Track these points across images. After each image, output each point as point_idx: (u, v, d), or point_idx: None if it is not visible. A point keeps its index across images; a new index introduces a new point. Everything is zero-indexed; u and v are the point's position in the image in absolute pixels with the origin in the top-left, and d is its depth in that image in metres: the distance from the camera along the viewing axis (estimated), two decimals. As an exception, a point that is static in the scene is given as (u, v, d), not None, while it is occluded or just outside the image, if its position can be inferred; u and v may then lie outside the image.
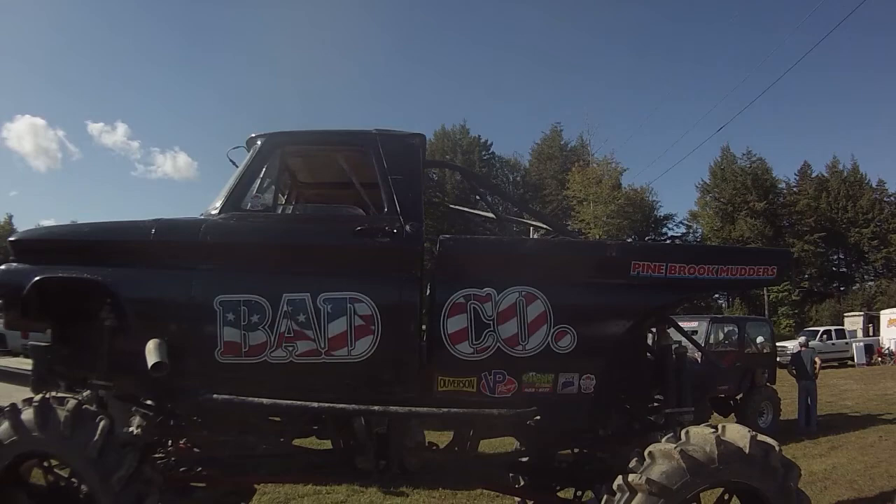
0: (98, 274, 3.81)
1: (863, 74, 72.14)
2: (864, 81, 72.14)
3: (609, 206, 45.67)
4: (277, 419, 4.30)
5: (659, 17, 78.20)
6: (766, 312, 39.92)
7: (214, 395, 3.66)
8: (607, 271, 3.82)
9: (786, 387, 13.04)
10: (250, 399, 3.66)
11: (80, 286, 3.84)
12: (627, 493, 3.30)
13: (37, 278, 3.79)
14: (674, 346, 4.17)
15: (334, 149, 4.36)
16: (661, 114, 77.94)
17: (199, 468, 4.64)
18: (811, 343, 15.95)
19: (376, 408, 3.63)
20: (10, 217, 63.45)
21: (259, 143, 4.07)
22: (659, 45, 79.20)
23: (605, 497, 3.44)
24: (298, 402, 3.66)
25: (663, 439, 3.48)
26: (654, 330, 4.27)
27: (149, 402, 4.35)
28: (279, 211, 4.43)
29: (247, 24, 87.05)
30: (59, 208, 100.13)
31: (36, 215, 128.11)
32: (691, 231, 57.33)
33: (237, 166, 4.18)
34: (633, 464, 3.41)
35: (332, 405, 3.64)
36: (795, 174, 56.17)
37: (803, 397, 12.00)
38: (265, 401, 3.65)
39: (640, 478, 3.26)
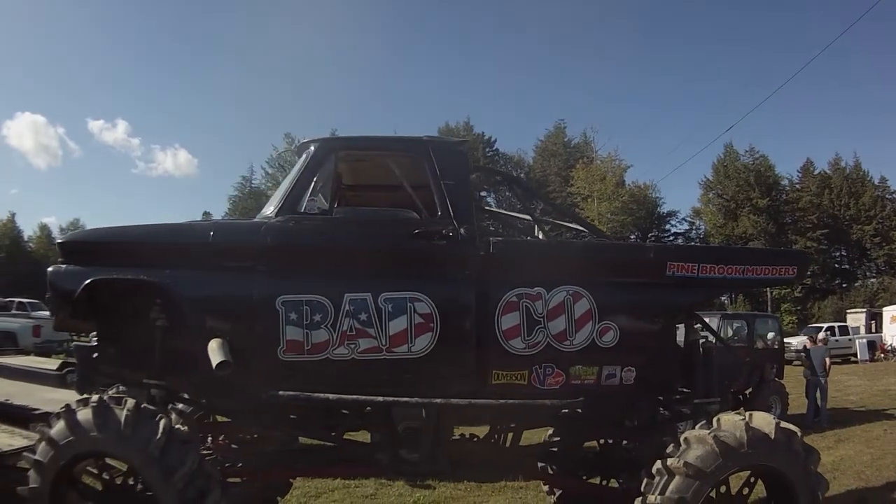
0: (155, 276, 3.85)
1: (865, 72, 72.19)
2: (866, 78, 72.29)
3: (613, 202, 45.95)
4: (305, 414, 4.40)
5: (663, 14, 78.23)
6: (769, 309, 40.13)
7: (280, 392, 3.75)
8: (646, 271, 4.09)
9: (791, 382, 13.32)
10: (316, 395, 3.77)
11: (134, 288, 3.88)
12: (666, 476, 3.56)
13: (89, 280, 3.82)
14: (701, 341, 4.43)
15: (386, 154, 4.46)
16: (665, 111, 78.17)
17: (239, 463, 4.76)
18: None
19: (438, 400, 3.80)
20: (13, 215, 63.99)
21: (313, 147, 4.19)
22: (663, 41, 79.30)
23: (644, 481, 3.68)
24: (364, 397, 3.83)
25: (697, 426, 3.76)
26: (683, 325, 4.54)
27: (197, 399, 4.47)
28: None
29: (247, 21, 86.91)
30: (60, 206, 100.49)
31: (37, 213, 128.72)
32: (694, 228, 57.64)
33: (285, 170, 4.39)
34: (670, 449, 3.69)
35: (395, 399, 3.80)
36: (798, 171, 56.32)
37: (812, 392, 12.26)
38: (331, 396, 3.79)
39: (678, 461, 3.53)
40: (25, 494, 3.71)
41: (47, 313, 24.22)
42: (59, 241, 4.29)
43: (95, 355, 4.11)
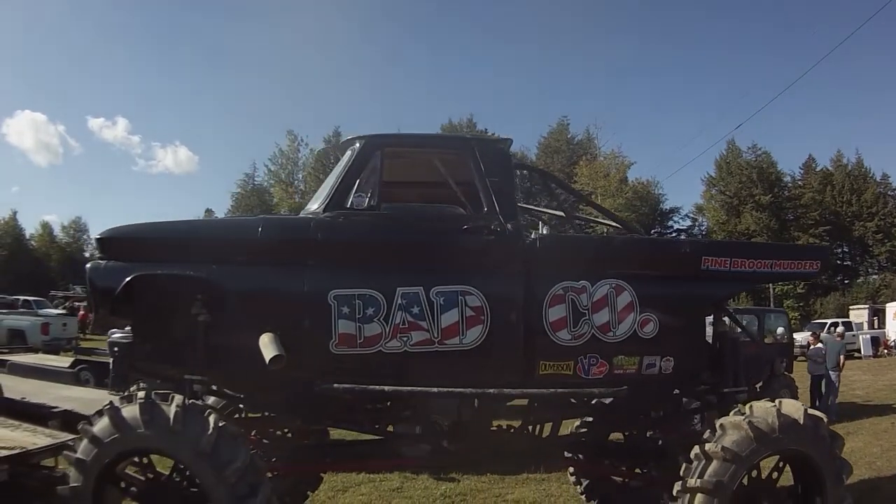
0: (201, 271, 3.85)
1: (867, 68, 72.20)
2: (868, 75, 72.21)
3: (617, 199, 45.96)
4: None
5: (670, 12, 78.14)
6: (772, 304, 40.26)
7: (335, 385, 3.80)
8: (682, 265, 4.28)
9: (796, 376, 13.49)
10: (372, 386, 3.82)
11: (173, 283, 3.87)
12: (704, 461, 3.73)
13: (132, 275, 3.80)
14: (729, 333, 4.58)
15: (431, 152, 4.51)
16: (669, 110, 78.17)
17: (272, 458, 4.72)
18: (823, 334, 16.35)
19: (492, 390, 3.91)
20: (15, 213, 63.99)
21: (358, 144, 4.21)
22: (669, 39, 79.22)
23: (683, 466, 3.84)
24: (419, 388, 3.87)
25: (731, 413, 3.94)
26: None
27: (237, 394, 4.48)
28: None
29: (247, 18, 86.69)
30: (61, 204, 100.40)
31: (38, 211, 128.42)
32: (697, 224, 57.58)
33: (327, 165, 4.48)
34: (706, 435, 3.86)
35: (450, 389, 3.88)
36: (800, 168, 56.31)
37: (828, 386, 12.53)
38: (386, 388, 3.83)
39: (715, 446, 3.71)
40: (66, 494, 3.63)
41: (53, 311, 24.22)
42: (98, 236, 4.26)
43: (131, 351, 4.08)
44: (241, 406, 4.92)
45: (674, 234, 54.62)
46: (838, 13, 61.42)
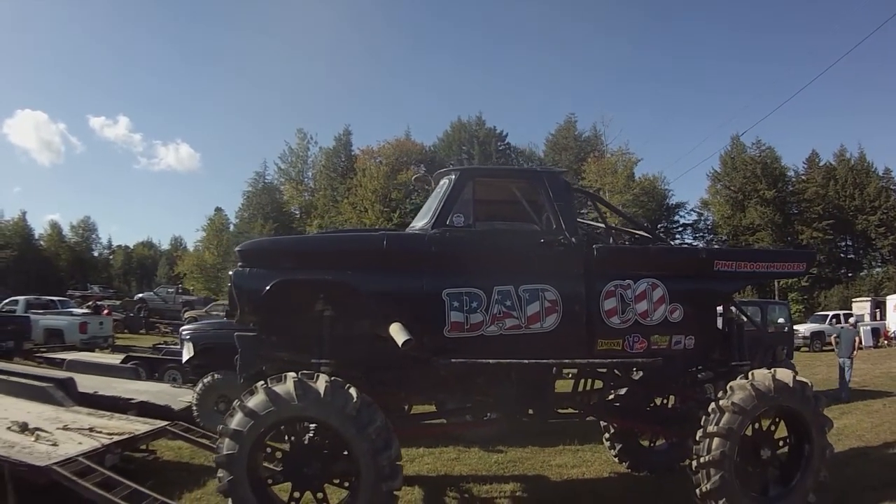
0: (339, 276, 4.74)
1: (868, 63, 72.70)
2: (869, 70, 72.78)
3: (624, 195, 46.72)
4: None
5: (679, 11, 78.49)
6: (776, 297, 41.15)
7: (452, 360, 4.76)
8: (700, 267, 5.50)
9: (798, 366, 14.45)
10: (482, 360, 4.80)
11: (314, 286, 4.70)
12: (719, 413, 4.93)
13: (276, 280, 4.62)
14: (736, 319, 5.83)
15: (510, 181, 5.66)
16: (676, 106, 78.60)
17: None
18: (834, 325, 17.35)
19: (566, 360, 5.14)
20: (24, 213, 65.39)
21: (454, 175, 5.27)
22: (675, 39, 79.65)
23: (703, 417, 5.02)
24: (515, 360, 4.91)
25: (738, 378, 5.15)
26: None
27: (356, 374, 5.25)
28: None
29: (248, 16, 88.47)
30: (63, 203, 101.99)
31: (41, 210, 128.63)
32: (702, 219, 58.44)
33: (415, 189, 5.54)
34: (720, 394, 5.08)
35: (537, 360, 4.97)
36: (803, 163, 57.02)
37: (842, 372, 13.64)
38: (491, 361, 4.82)
39: (727, 402, 4.92)
40: (222, 461, 4.29)
41: (79, 310, 24.91)
42: (239, 249, 5.10)
43: (257, 343, 4.94)
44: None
45: (679, 229, 55.48)
46: (843, 16, 61.83)
